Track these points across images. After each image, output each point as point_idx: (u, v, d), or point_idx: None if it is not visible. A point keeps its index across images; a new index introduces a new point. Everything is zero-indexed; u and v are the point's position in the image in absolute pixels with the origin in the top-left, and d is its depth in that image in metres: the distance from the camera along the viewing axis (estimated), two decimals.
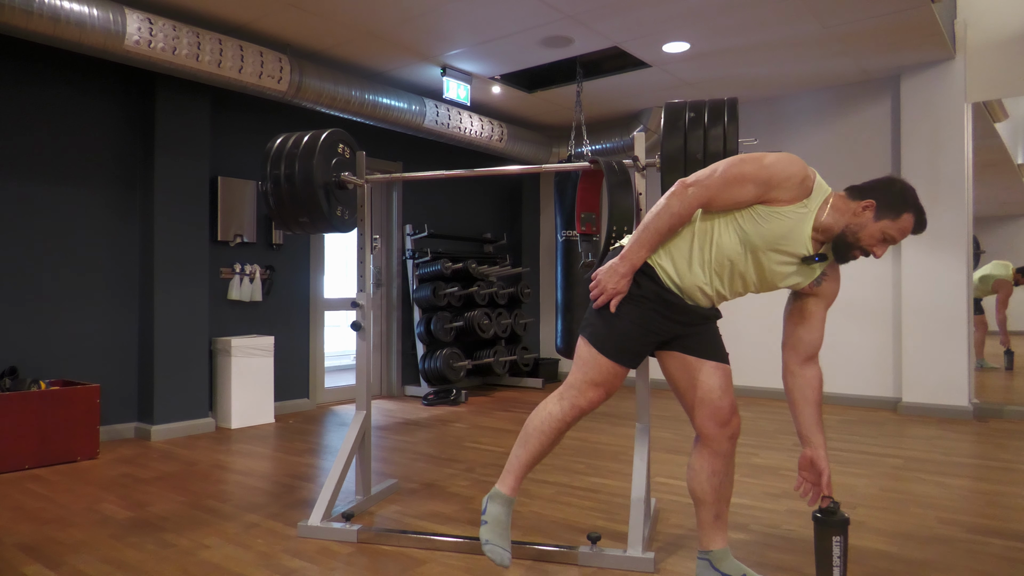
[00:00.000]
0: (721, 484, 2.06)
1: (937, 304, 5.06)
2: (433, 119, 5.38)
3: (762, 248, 1.91)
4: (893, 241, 1.90)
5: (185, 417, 4.54)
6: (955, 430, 4.55)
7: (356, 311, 3.00)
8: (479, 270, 6.31)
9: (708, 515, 2.08)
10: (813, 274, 1.96)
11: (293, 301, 5.41)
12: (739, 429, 2.07)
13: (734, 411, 2.05)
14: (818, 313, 2.02)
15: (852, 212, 1.89)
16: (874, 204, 1.88)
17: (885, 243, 1.90)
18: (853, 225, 1.89)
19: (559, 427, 2.05)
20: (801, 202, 1.88)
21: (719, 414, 2.02)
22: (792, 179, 1.86)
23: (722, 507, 2.09)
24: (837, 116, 5.66)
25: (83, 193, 4.29)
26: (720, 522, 2.09)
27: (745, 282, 1.98)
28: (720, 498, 2.07)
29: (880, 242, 1.90)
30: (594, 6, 4.04)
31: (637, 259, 1.95)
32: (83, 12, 3.51)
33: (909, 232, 1.91)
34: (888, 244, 1.91)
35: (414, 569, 2.33)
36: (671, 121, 2.41)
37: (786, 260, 1.93)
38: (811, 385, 2.01)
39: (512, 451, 2.11)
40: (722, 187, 1.87)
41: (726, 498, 2.09)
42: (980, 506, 2.98)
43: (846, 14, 4.20)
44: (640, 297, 1.98)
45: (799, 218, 1.88)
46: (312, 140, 2.78)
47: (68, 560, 2.42)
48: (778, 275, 1.95)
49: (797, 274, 1.95)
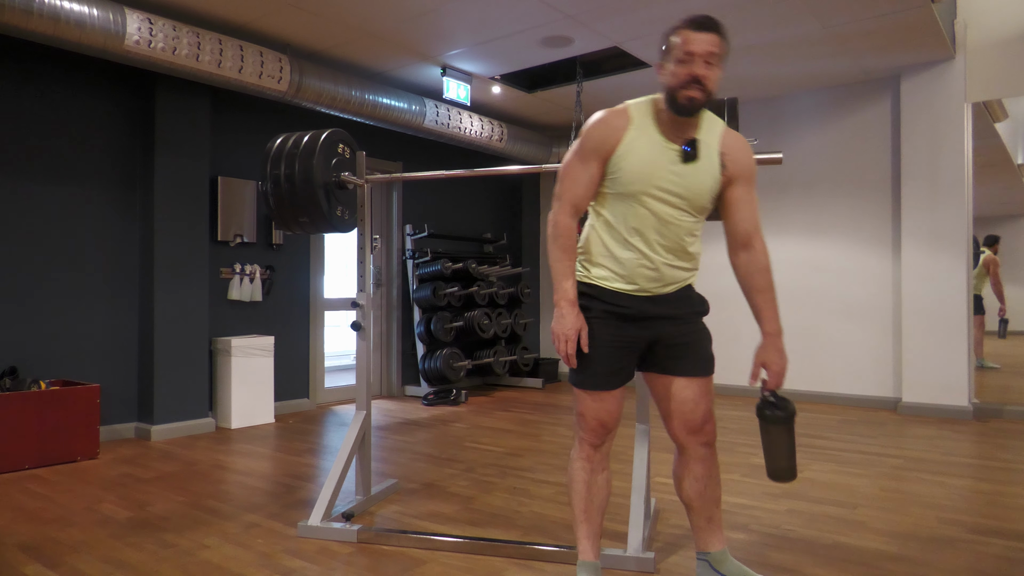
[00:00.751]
0: (705, 488, 2.05)
1: (937, 304, 5.06)
2: (433, 119, 5.38)
3: (640, 187, 1.87)
4: (690, 57, 1.78)
5: (185, 417, 4.54)
6: (955, 430, 4.55)
7: (356, 311, 3.00)
8: (479, 270, 6.31)
9: (700, 519, 2.08)
10: (710, 165, 1.88)
11: (293, 301, 5.41)
12: (714, 435, 2.05)
13: (707, 419, 2.03)
14: (738, 196, 1.93)
15: (661, 82, 1.86)
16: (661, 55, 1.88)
17: (685, 63, 1.78)
18: (664, 86, 1.84)
19: (580, 466, 2.08)
20: (626, 133, 1.88)
21: (690, 424, 2.02)
22: (600, 126, 1.90)
23: (712, 510, 2.07)
24: (837, 116, 5.66)
25: (83, 193, 4.29)
26: (713, 525, 2.07)
27: (666, 223, 1.90)
28: (707, 501, 2.06)
29: (681, 64, 1.79)
30: (594, 6, 4.04)
31: (565, 291, 1.91)
32: (83, 12, 3.51)
33: (691, 33, 1.79)
34: (688, 63, 1.78)
35: (414, 569, 2.33)
36: None
37: (672, 174, 1.87)
38: (753, 270, 1.94)
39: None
40: (569, 185, 1.93)
41: (714, 500, 2.07)
42: (980, 506, 2.98)
43: (846, 14, 4.20)
44: (593, 319, 1.96)
45: (636, 139, 1.87)
46: (312, 140, 2.78)
47: (68, 560, 2.42)
48: (682, 188, 1.87)
49: (695, 175, 1.87)
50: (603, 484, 2.11)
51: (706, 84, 1.79)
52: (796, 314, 5.78)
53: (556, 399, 6.00)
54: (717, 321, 6.11)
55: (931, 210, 5.11)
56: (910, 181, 5.20)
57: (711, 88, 1.81)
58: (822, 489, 3.22)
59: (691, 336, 2.01)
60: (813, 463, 3.71)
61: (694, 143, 1.86)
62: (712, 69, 1.80)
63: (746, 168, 1.93)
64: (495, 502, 3.07)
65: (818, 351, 5.69)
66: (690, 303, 2.03)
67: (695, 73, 1.78)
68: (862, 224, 5.54)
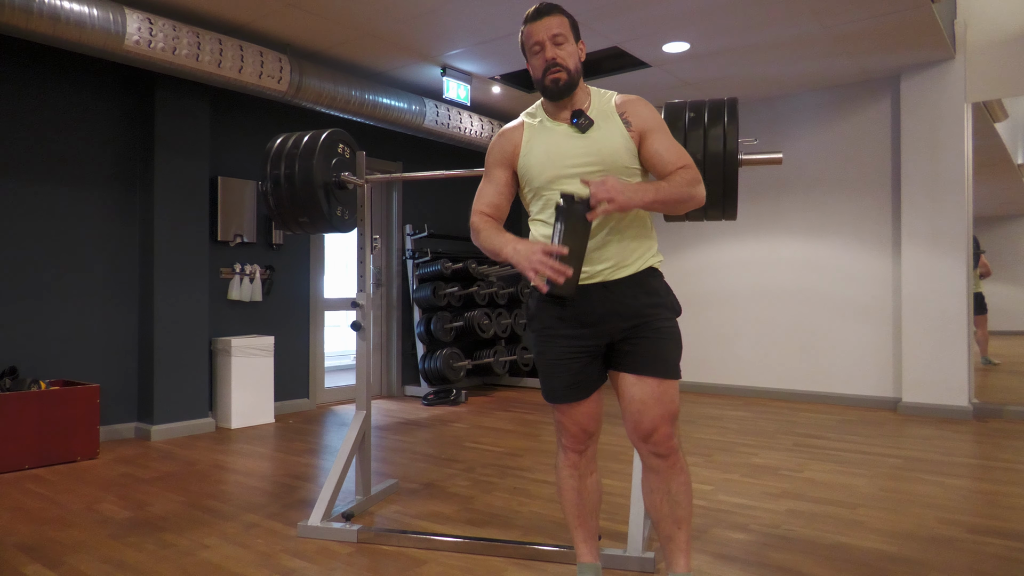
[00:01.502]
0: (661, 503, 1.89)
1: (937, 304, 5.06)
2: (433, 119, 5.38)
3: (551, 172, 1.90)
4: (539, 46, 1.86)
5: (185, 417, 4.54)
6: (955, 430, 4.55)
7: (356, 311, 3.00)
8: (479, 270, 6.31)
9: (661, 536, 1.93)
10: (612, 125, 1.87)
11: (293, 301, 5.41)
12: (669, 447, 1.87)
13: (657, 426, 1.85)
14: (655, 147, 1.86)
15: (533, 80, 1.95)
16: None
17: (538, 53, 1.87)
18: (535, 82, 1.92)
19: (567, 474, 2.02)
20: (523, 136, 1.98)
21: (638, 428, 1.88)
22: (497, 140, 2.03)
23: (671, 529, 1.89)
24: (837, 116, 5.66)
25: (83, 193, 4.29)
26: (674, 546, 1.90)
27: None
28: (664, 518, 1.89)
29: (535, 55, 1.88)
30: (594, 6, 4.04)
31: (506, 240, 1.89)
32: (83, 12, 3.51)
33: (530, 26, 1.87)
34: (540, 51, 1.87)
35: (414, 569, 2.33)
36: (671, 121, 2.40)
37: (576, 148, 1.87)
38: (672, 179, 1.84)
39: None
40: (478, 196, 2.07)
41: (673, 520, 1.89)
42: (980, 506, 2.98)
43: (846, 14, 4.20)
44: (542, 334, 1.94)
45: (532, 137, 1.95)
46: (312, 140, 2.78)
47: (68, 560, 2.42)
48: (592, 155, 1.86)
49: (601, 139, 1.86)
50: (593, 488, 2.04)
51: (562, 62, 1.85)
52: (796, 314, 5.78)
53: None
54: (717, 321, 6.13)
55: (931, 210, 5.11)
56: (910, 181, 5.20)
57: (570, 63, 1.86)
58: (822, 489, 3.22)
59: (646, 331, 1.87)
60: (813, 463, 3.71)
61: (581, 112, 1.89)
62: (564, 47, 1.86)
63: (649, 118, 1.89)
64: (495, 502, 3.07)
65: (818, 351, 5.69)
66: (647, 293, 1.89)
67: (547, 57, 1.85)
68: (862, 224, 5.54)
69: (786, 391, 5.81)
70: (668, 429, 1.87)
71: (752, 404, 5.56)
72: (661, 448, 1.87)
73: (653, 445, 1.87)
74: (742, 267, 6.05)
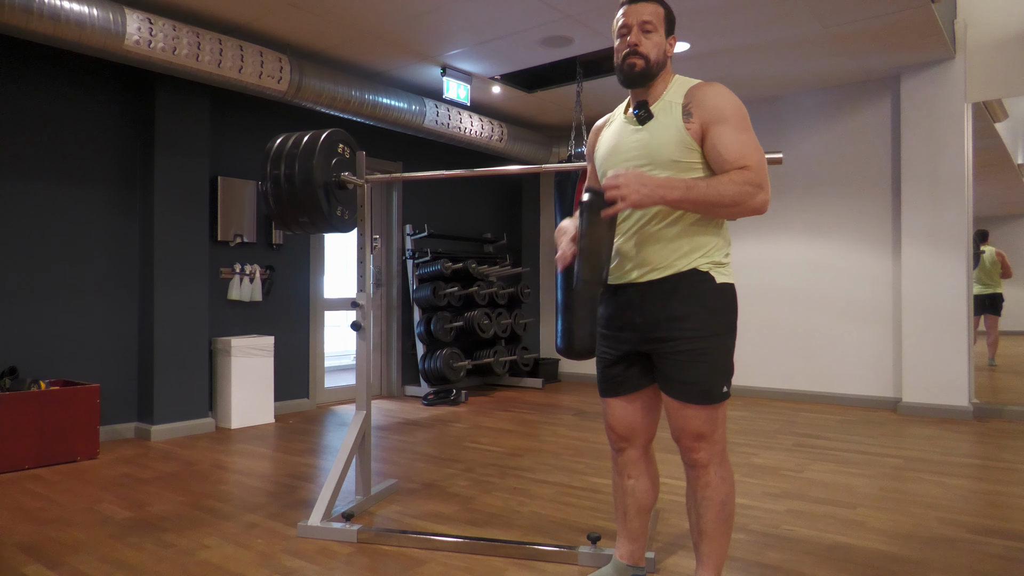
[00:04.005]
0: (690, 508, 1.88)
1: (937, 304, 5.06)
2: (433, 119, 5.38)
3: (609, 165, 1.90)
4: (627, 29, 1.83)
5: (185, 417, 4.54)
6: (955, 430, 4.55)
7: (356, 311, 3.00)
8: (479, 270, 6.31)
9: (692, 539, 1.91)
10: (670, 118, 1.80)
11: (293, 301, 5.41)
12: (693, 459, 1.83)
13: (679, 438, 1.83)
14: (715, 139, 1.74)
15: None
16: None
17: (623, 36, 1.85)
18: (615, 66, 1.92)
19: (613, 468, 2.12)
20: (603, 130, 2.02)
21: (675, 430, 1.86)
22: (589, 139, 2.10)
23: (695, 536, 1.87)
24: (837, 116, 5.66)
25: (83, 193, 4.29)
26: (700, 555, 1.87)
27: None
28: (692, 524, 1.88)
29: (621, 39, 1.86)
30: (594, 6, 4.04)
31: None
32: (83, 12, 3.51)
33: (626, 7, 1.85)
34: (625, 35, 1.84)
35: (414, 569, 2.33)
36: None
37: (632, 142, 1.85)
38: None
39: None
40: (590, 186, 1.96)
41: (699, 531, 1.85)
42: (980, 506, 2.98)
43: (846, 14, 4.20)
44: (599, 330, 1.99)
45: (607, 130, 1.99)
46: (312, 140, 2.78)
47: (68, 560, 2.42)
48: (642, 147, 1.81)
49: (655, 132, 1.80)
50: (631, 490, 2.04)
51: (643, 50, 1.81)
52: (796, 314, 5.78)
53: (556, 399, 6.00)
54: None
55: (931, 210, 5.11)
56: (910, 181, 5.20)
57: (650, 52, 1.81)
58: (822, 489, 3.22)
59: (670, 350, 1.78)
60: (813, 463, 3.71)
61: (644, 104, 1.85)
62: (650, 36, 1.82)
63: (713, 110, 1.74)
64: (495, 502, 3.07)
65: (818, 351, 5.69)
66: (682, 300, 1.76)
67: (630, 41, 1.82)
68: (862, 224, 5.54)
69: (786, 391, 5.81)
70: (691, 443, 1.83)
71: (752, 404, 5.56)
72: (686, 457, 1.86)
73: (681, 452, 1.87)
74: (742, 267, 6.05)
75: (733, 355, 1.84)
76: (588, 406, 5.60)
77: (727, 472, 1.85)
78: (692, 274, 1.78)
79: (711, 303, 1.78)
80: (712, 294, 1.79)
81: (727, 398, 1.82)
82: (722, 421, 1.83)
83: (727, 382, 1.81)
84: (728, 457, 1.88)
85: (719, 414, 1.81)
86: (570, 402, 5.84)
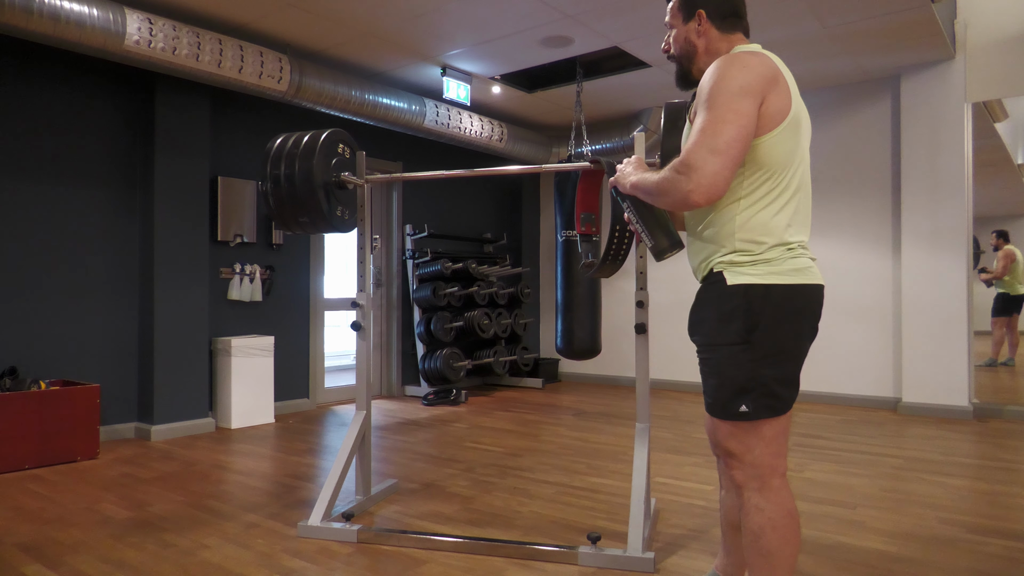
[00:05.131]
0: (740, 524, 1.73)
1: (937, 304, 5.06)
2: (433, 119, 5.38)
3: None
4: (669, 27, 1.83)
5: (185, 417, 4.54)
6: (955, 430, 4.55)
7: (356, 311, 3.00)
8: (479, 270, 6.31)
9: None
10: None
11: (293, 301, 5.41)
12: (730, 476, 1.68)
13: (725, 452, 1.65)
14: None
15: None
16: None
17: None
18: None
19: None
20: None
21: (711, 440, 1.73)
22: None
23: (744, 556, 1.70)
24: (837, 116, 5.66)
25: (83, 193, 4.29)
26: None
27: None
28: (743, 544, 1.70)
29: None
30: (594, 6, 4.04)
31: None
32: (83, 12, 3.51)
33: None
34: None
35: (414, 569, 2.33)
36: (671, 121, 2.40)
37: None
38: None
39: None
40: None
41: (745, 548, 1.66)
42: (980, 506, 2.98)
43: (846, 14, 4.20)
44: None
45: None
46: (312, 140, 2.78)
47: (68, 560, 2.42)
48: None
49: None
50: (722, 501, 1.90)
51: (672, 51, 1.81)
52: None
53: (556, 399, 6.00)
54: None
55: (931, 210, 5.11)
56: (910, 181, 5.20)
57: (674, 48, 1.80)
58: (822, 489, 3.22)
59: (699, 354, 1.67)
60: (813, 463, 3.71)
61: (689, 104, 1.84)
62: (671, 32, 1.80)
63: (701, 93, 1.56)
64: (495, 502, 3.07)
65: (818, 351, 5.66)
66: (698, 306, 1.66)
67: (663, 48, 1.85)
68: (862, 224, 5.54)
69: None
70: (725, 459, 1.66)
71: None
72: (730, 470, 1.66)
73: (726, 465, 1.68)
74: None
75: (764, 369, 1.55)
76: (588, 406, 5.60)
77: (764, 501, 1.59)
78: (709, 275, 1.65)
79: (721, 307, 1.59)
80: (719, 296, 1.60)
81: (750, 419, 1.57)
82: (758, 443, 1.59)
83: (747, 401, 1.56)
84: (774, 487, 1.60)
85: (750, 435, 1.59)
86: (570, 402, 5.83)
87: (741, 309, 1.56)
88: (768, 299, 1.55)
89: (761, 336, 1.55)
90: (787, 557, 1.58)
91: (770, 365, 1.56)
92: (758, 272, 1.56)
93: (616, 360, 6.88)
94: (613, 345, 6.83)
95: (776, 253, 1.57)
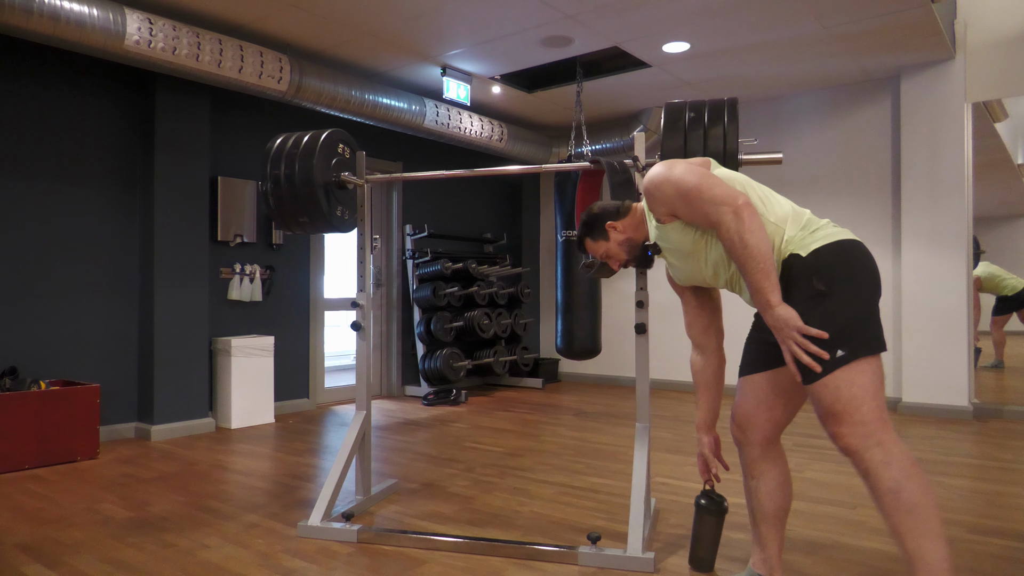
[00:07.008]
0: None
1: (937, 304, 5.06)
2: (433, 119, 5.38)
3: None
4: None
5: (185, 417, 4.54)
6: (955, 430, 4.55)
7: (356, 311, 3.00)
8: (479, 270, 6.31)
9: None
10: (667, 236, 1.97)
11: (293, 301, 5.41)
12: (846, 444, 1.66)
13: (824, 420, 1.70)
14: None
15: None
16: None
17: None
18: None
19: (743, 471, 2.13)
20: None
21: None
22: None
23: (896, 546, 1.73)
24: (837, 116, 5.66)
25: (83, 193, 4.29)
26: (907, 566, 1.73)
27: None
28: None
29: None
30: (594, 6, 4.04)
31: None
32: (83, 12, 3.51)
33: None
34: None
35: (414, 569, 2.33)
36: (671, 121, 2.40)
37: (677, 258, 2.02)
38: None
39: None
40: None
41: (893, 535, 1.71)
42: (980, 506, 2.98)
43: (846, 14, 4.20)
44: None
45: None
46: (312, 140, 2.78)
47: (68, 560, 2.42)
48: (680, 254, 1.99)
49: (673, 244, 1.98)
50: (755, 491, 1.97)
51: (612, 265, 2.21)
52: None
53: (556, 399, 6.00)
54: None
55: (931, 210, 5.11)
56: (910, 181, 5.20)
57: (610, 260, 2.19)
58: (822, 489, 3.22)
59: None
60: (813, 463, 3.71)
61: (649, 247, 2.14)
62: (599, 253, 2.20)
63: (663, 205, 1.92)
64: (495, 502, 3.07)
65: None
66: (793, 287, 1.76)
67: (615, 267, 2.24)
68: (862, 224, 5.54)
69: None
70: (834, 431, 1.67)
71: None
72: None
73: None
74: None
75: (851, 313, 1.66)
76: (588, 406, 5.60)
77: (887, 455, 1.61)
78: (783, 268, 1.78)
79: (807, 279, 1.71)
80: (805, 270, 1.71)
81: (848, 360, 1.63)
82: (863, 397, 1.62)
83: (842, 346, 1.63)
84: (890, 440, 1.62)
85: (853, 386, 1.63)
86: (570, 402, 5.83)
87: (816, 267, 1.71)
88: (836, 253, 1.72)
89: (841, 286, 1.68)
90: (932, 506, 1.62)
91: (854, 307, 1.68)
92: (818, 238, 1.75)
93: (616, 360, 6.88)
94: (613, 345, 6.84)
95: (819, 225, 1.79)
